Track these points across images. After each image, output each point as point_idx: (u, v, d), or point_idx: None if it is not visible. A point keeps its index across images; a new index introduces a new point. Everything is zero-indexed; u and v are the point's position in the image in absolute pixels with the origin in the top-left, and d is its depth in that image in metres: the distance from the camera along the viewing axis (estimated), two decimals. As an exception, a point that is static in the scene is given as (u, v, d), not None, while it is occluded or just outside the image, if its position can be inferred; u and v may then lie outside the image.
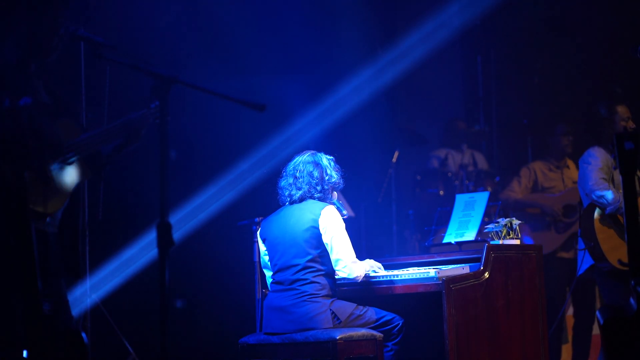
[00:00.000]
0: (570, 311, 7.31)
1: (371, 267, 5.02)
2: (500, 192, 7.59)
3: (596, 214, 5.60)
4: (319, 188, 4.90)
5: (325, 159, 4.96)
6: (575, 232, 6.92)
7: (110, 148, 3.83)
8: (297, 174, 4.90)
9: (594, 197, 5.58)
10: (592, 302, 7.02)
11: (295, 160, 4.97)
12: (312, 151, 5.01)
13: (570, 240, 7.19)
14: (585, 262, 5.68)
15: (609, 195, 5.53)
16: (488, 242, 5.03)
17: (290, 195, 4.92)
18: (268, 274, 5.03)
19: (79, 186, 3.67)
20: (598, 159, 5.71)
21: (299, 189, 4.89)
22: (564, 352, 7.27)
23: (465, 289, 4.76)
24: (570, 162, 7.47)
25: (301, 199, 4.90)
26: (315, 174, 4.89)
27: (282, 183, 4.97)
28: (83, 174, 3.63)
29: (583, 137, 6.79)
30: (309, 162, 4.92)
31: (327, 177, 4.92)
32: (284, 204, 4.99)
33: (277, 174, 5.07)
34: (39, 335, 2.84)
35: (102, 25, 6.03)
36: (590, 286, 6.91)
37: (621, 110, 5.83)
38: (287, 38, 7.46)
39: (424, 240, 6.24)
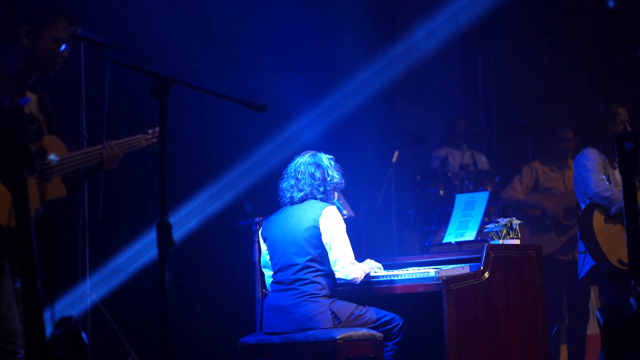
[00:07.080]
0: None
1: (370, 268, 5.01)
2: (501, 191, 7.58)
3: (595, 215, 5.59)
4: (321, 189, 4.88)
5: (326, 159, 4.94)
6: (574, 234, 6.91)
7: (87, 167, 3.78)
8: (299, 176, 4.88)
9: (599, 199, 5.57)
10: (586, 302, 7.03)
11: (295, 161, 4.95)
12: (312, 152, 4.98)
13: (569, 243, 7.18)
14: (586, 264, 5.67)
15: (614, 195, 5.53)
16: (488, 242, 5.03)
17: (292, 197, 4.91)
18: (268, 273, 5.03)
19: (54, 202, 3.64)
20: (594, 160, 5.70)
21: (301, 190, 4.88)
22: (563, 352, 7.28)
23: (465, 288, 4.76)
24: (571, 163, 7.47)
25: (302, 200, 4.90)
26: (317, 175, 4.87)
27: (284, 185, 4.95)
28: (58, 191, 3.62)
29: (581, 137, 6.78)
30: (310, 164, 4.89)
31: (329, 178, 4.90)
32: (285, 205, 4.98)
33: (277, 174, 5.06)
34: (38, 335, 2.83)
35: (102, 25, 6.03)
36: (586, 287, 6.92)
37: (622, 112, 5.83)
38: (288, 38, 7.46)
39: (424, 240, 6.23)
